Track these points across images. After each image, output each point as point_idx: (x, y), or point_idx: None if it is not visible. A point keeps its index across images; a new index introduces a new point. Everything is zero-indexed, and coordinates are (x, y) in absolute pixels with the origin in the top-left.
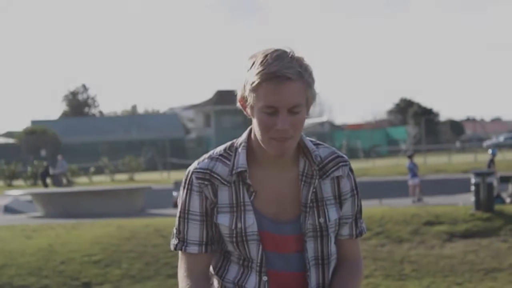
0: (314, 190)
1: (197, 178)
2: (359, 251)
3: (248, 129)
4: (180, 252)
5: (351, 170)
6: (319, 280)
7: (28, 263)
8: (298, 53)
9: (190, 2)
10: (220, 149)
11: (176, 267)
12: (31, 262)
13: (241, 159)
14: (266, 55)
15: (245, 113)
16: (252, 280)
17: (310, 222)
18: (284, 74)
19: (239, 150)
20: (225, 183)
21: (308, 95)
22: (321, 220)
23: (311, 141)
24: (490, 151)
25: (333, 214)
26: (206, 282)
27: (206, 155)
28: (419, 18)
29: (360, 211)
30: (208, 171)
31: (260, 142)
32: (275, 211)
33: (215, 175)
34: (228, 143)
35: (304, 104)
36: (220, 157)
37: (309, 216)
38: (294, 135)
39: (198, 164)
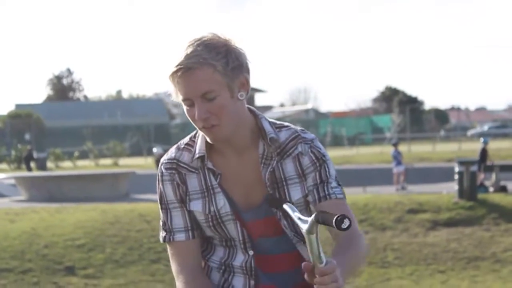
0: (271, 169)
1: (166, 168)
2: (350, 213)
3: None
4: (168, 245)
5: (312, 146)
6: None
7: (11, 247)
8: (220, 37)
9: None
10: (186, 138)
11: (160, 252)
12: (14, 246)
13: (199, 145)
14: (174, 58)
15: None
16: (240, 257)
17: None
18: (185, 65)
19: (199, 137)
20: (193, 170)
21: (221, 78)
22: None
23: (274, 123)
24: (482, 139)
25: (296, 193)
26: (202, 275)
27: (174, 146)
28: (405, 7)
29: (327, 178)
30: (175, 161)
31: None
32: (242, 194)
33: (182, 164)
34: (194, 132)
35: (219, 86)
36: (186, 146)
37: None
38: (220, 122)
39: (166, 156)
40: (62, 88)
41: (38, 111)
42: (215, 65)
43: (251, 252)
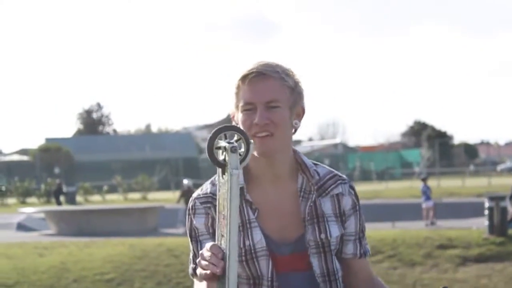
0: (311, 204)
1: (201, 203)
2: (372, 271)
3: None
4: (196, 278)
5: (351, 187)
6: None
7: (40, 281)
8: (285, 66)
9: (207, 23)
10: None
11: (188, 287)
12: (43, 280)
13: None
14: (246, 67)
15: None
16: None
17: (311, 238)
18: (259, 71)
19: None
20: None
21: (287, 95)
22: (323, 236)
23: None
24: None
25: (334, 230)
26: None
27: (207, 182)
28: (432, 39)
29: (363, 230)
30: (210, 195)
31: None
32: (277, 228)
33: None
34: None
35: (283, 102)
36: None
37: (310, 232)
38: (275, 133)
39: (201, 191)
40: (92, 122)
41: (67, 145)
42: (286, 81)
43: None
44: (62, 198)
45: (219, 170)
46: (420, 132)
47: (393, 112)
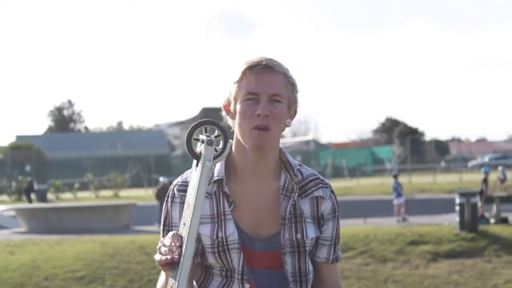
0: (293, 203)
1: (179, 190)
2: (339, 278)
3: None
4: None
5: (332, 192)
6: None
7: (11, 279)
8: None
9: (178, 20)
10: None
11: None
12: (14, 278)
13: (219, 168)
14: (251, 58)
15: (227, 119)
16: None
17: (287, 237)
18: (267, 64)
19: (219, 162)
20: (207, 195)
21: (289, 93)
22: (299, 236)
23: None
24: (482, 169)
25: (311, 232)
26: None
27: (188, 170)
28: (405, 37)
29: (338, 236)
30: (188, 183)
31: (241, 136)
32: (253, 223)
33: None
34: None
35: (285, 98)
36: None
37: (287, 230)
38: (273, 127)
39: (180, 178)
40: (63, 120)
41: (38, 143)
42: (290, 80)
43: (247, 286)
44: (33, 196)
45: (194, 162)
46: (392, 129)
47: (365, 109)
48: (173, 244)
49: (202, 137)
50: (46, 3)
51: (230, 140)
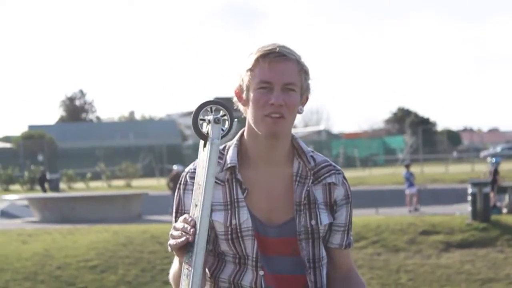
0: (308, 189)
1: (191, 178)
2: (352, 262)
3: (241, 130)
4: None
5: (345, 179)
6: (316, 283)
7: (24, 268)
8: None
9: (191, 10)
10: None
11: None
12: (27, 267)
13: (231, 155)
14: (263, 45)
15: (239, 106)
16: (249, 276)
17: (302, 223)
18: (281, 52)
19: (231, 148)
20: (219, 182)
21: (302, 80)
22: (313, 222)
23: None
24: (493, 159)
25: (324, 218)
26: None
27: None
28: (418, 27)
29: (351, 222)
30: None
31: (254, 124)
32: (266, 210)
33: None
34: (222, 145)
35: (299, 86)
36: None
37: (302, 217)
38: (287, 116)
39: (193, 165)
40: (75, 109)
41: (50, 132)
42: (303, 67)
43: (261, 272)
44: (46, 186)
45: (202, 143)
46: (404, 119)
47: (377, 99)
48: (186, 225)
49: (208, 117)
50: None
51: (236, 120)
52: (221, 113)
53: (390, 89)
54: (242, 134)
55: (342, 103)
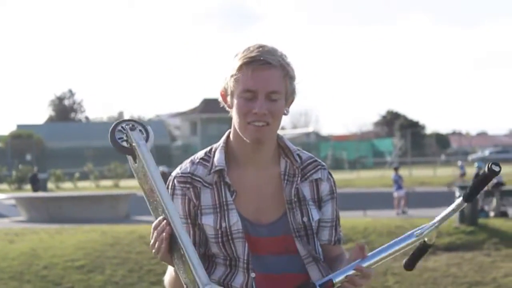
0: (297, 187)
1: (179, 182)
2: (344, 252)
3: (227, 131)
4: None
5: (330, 174)
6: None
7: (10, 267)
8: (282, 52)
9: (180, 10)
10: (201, 153)
11: (160, 274)
12: (14, 266)
13: (218, 158)
14: (249, 46)
15: (225, 106)
16: (240, 278)
17: (294, 221)
18: (265, 59)
19: (217, 151)
20: (207, 185)
21: (287, 86)
22: (305, 219)
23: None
24: (476, 164)
25: (315, 214)
26: None
27: (187, 160)
28: (408, 30)
29: (338, 217)
30: (189, 175)
31: (238, 129)
32: (255, 210)
33: (197, 178)
34: (209, 148)
35: (283, 93)
36: (200, 161)
37: (293, 214)
38: (271, 123)
39: (180, 169)
40: (64, 109)
41: (39, 132)
42: (288, 72)
43: (252, 274)
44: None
45: (130, 158)
46: (393, 122)
47: (366, 102)
48: (157, 227)
49: (124, 133)
50: None
51: (148, 126)
52: (132, 124)
53: (379, 91)
54: (228, 136)
55: (331, 105)
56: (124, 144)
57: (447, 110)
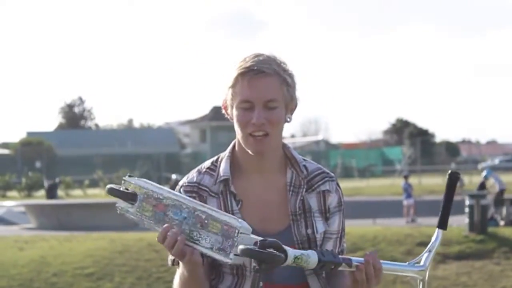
0: (301, 198)
1: (186, 191)
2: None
3: (234, 141)
4: (177, 266)
5: (338, 185)
6: None
7: (20, 275)
8: (280, 59)
9: (189, 18)
10: (207, 162)
11: (169, 282)
12: (23, 274)
13: (224, 168)
14: (245, 57)
15: (227, 116)
16: (247, 287)
17: (298, 232)
18: (259, 68)
19: (223, 160)
20: (213, 194)
21: (285, 93)
22: (309, 231)
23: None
24: (484, 172)
25: (320, 226)
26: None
27: (194, 170)
28: (417, 38)
29: (344, 229)
30: (196, 184)
31: (241, 141)
32: (261, 221)
33: (203, 187)
34: (215, 157)
35: (281, 101)
36: (207, 170)
37: (297, 226)
38: (271, 132)
39: (186, 179)
40: (74, 117)
41: (49, 139)
42: (285, 79)
43: (260, 284)
44: (43, 193)
45: (124, 205)
46: (402, 130)
47: (376, 110)
48: (170, 233)
49: (124, 185)
50: (55, 2)
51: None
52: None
53: (389, 99)
54: (234, 145)
55: (341, 113)
56: (129, 188)
57: (457, 119)
